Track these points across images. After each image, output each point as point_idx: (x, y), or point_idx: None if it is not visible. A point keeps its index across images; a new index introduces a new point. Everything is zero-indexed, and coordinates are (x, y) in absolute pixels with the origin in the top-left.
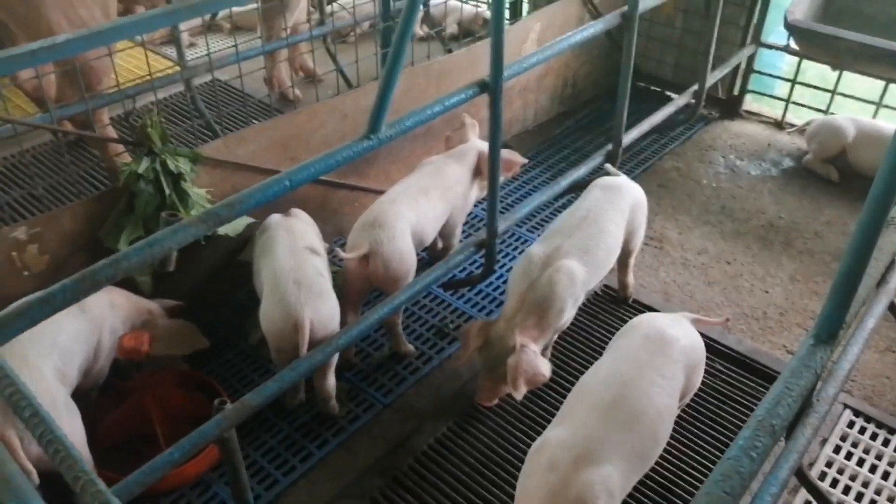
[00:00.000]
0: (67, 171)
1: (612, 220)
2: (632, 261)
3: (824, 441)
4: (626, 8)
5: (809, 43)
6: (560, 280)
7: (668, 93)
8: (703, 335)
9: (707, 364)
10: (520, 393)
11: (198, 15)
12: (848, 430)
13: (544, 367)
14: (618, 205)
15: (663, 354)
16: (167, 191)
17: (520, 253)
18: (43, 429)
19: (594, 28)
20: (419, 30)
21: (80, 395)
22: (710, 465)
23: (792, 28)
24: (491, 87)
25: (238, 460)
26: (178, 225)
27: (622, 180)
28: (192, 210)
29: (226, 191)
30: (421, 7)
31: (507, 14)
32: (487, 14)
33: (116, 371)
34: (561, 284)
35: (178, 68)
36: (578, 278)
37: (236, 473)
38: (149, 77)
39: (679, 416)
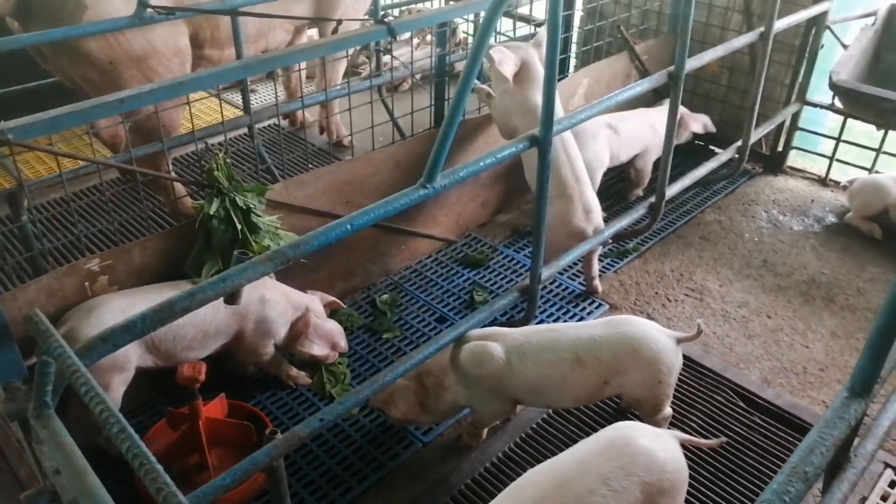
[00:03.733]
0: (132, 210)
1: None
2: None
3: (864, 500)
4: (672, 67)
5: (854, 103)
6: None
7: (712, 147)
8: (742, 388)
9: (745, 417)
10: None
11: (269, 69)
12: (889, 489)
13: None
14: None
15: (620, 464)
16: (239, 225)
17: (561, 299)
18: (129, 444)
19: (641, 87)
20: None
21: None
22: None
23: (837, 88)
24: (541, 142)
25: (284, 489)
26: (248, 263)
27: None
28: (263, 240)
29: (285, 230)
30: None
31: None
32: None
33: (170, 398)
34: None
35: (241, 113)
36: None
37: (282, 502)
38: (220, 122)
39: (717, 468)
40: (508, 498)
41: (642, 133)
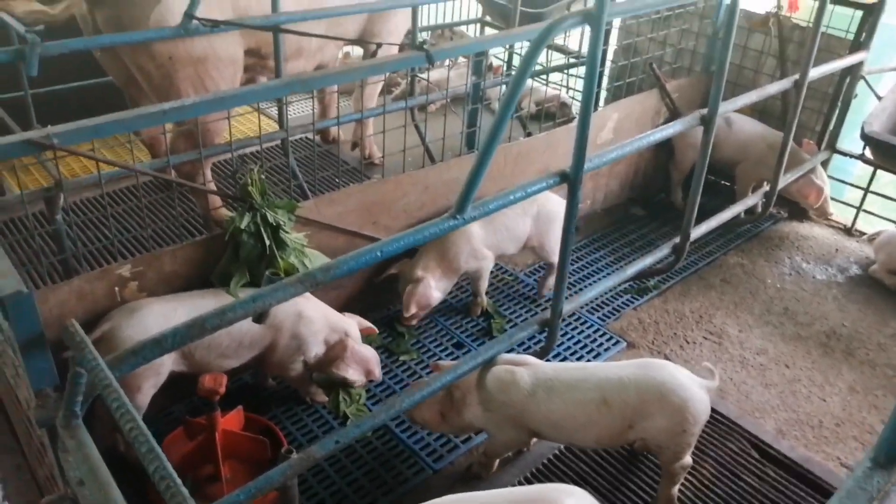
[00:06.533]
0: (165, 216)
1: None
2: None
3: None
4: (705, 111)
5: (885, 154)
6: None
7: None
8: (756, 438)
9: (758, 468)
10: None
11: (308, 89)
12: None
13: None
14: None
15: None
16: (267, 241)
17: (579, 333)
18: (157, 465)
19: (673, 128)
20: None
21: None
22: None
23: (868, 139)
24: (571, 178)
25: None
26: (279, 284)
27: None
28: (290, 256)
29: (311, 248)
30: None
31: None
32: (565, 97)
33: (188, 406)
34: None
35: (277, 127)
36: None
37: None
38: (257, 137)
39: None
40: None
41: (754, 143)
